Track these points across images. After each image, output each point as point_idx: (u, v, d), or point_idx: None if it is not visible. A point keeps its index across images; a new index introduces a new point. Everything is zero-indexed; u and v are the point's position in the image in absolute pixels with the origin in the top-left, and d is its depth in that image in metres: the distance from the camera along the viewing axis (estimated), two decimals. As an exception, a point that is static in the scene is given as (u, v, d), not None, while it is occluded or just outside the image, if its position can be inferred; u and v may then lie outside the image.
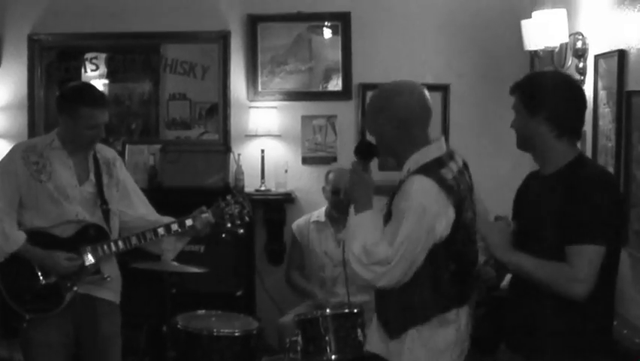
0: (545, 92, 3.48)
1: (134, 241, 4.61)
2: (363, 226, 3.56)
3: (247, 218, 4.83)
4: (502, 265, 3.67)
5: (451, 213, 3.52)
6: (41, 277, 4.50)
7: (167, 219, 4.77)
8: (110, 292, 4.73)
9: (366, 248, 3.48)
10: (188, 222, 4.69)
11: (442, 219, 3.51)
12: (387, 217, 3.60)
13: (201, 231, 4.73)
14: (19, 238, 4.48)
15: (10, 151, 4.67)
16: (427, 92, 3.73)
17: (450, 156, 3.71)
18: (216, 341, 5.11)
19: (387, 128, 3.66)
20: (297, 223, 6.49)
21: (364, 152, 3.74)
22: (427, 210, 3.46)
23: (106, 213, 4.64)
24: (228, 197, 4.79)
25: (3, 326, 5.09)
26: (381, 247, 3.46)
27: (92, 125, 4.49)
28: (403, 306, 3.62)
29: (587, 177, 3.39)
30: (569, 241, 3.29)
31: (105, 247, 4.57)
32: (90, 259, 4.54)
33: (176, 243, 4.82)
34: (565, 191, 3.35)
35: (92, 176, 4.63)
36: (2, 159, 4.66)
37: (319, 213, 6.40)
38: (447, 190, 3.52)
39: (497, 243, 3.50)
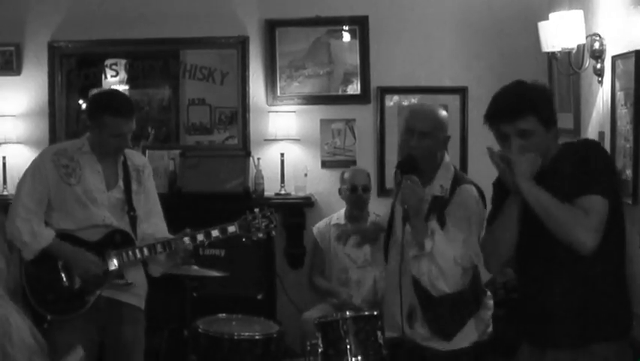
0: (552, 102, 3.55)
1: (159, 248, 4.63)
2: (445, 240, 4.03)
3: (273, 233, 4.84)
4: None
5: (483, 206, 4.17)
6: (65, 280, 4.54)
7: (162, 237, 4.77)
8: (136, 297, 4.77)
9: (471, 255, 4.02)
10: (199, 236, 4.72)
11: (483, 213, 4.14)
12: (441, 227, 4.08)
13: (180, 257, 4.74)
14: (48, 234, 4.53)
15: (41, 153, 4.73)
16: None
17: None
18: (237, 344, 5.12)
19: (440, 145, 4.21)
20: (318, 227, 6.51)
21: (412, 167, 4.07)
22: (480, 212, 4.13)
23: (133, 220, 4.68)
24: (256, 210, 4.79)
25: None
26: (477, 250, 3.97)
27: (116, 134, 4.52)
28: (456, 307, 4.17)
29: (579, 145, 3.59)
30: (578, 193, 3.32)
31: (130, 253, 4.60)
32: (114, 263, 4.57)
33: (167, 260, 4.80)
34: (565, 164, 3.43)
35: (120, 182, 4.67)
36: (33, 161, 4.71)
37: (339, 215, 6.41)
38: (478, 189, 4.18)
39: (523, 171, 3.39)
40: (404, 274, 4.14)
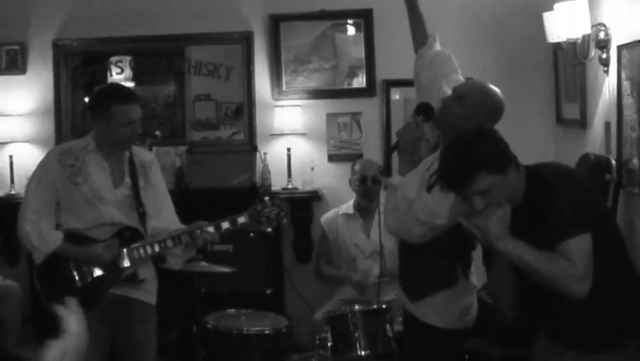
0: (499, 144, 3.39)
1: (169, 244, 4.61)
2: (410, 183, 3.97)
3: (284, 220, 4.84)
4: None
5: None
6: (77, 279, 4.54)
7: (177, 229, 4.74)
8: (147, 293, 4.75)
9: (427, 206, 3.84)
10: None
11: None
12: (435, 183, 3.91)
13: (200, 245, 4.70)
14: (57, 237, 4.52)
15: (47, 154, 4.72)
16: None
17: None
18: (246, 339, 5.14)
19: (468, 119, 3.95)
20: (326, 217, 6.49)
21: (428, 113, 4.08)
22: None
23: (142, 216, 4.65)
24: (266, 199, 4.78)
25: (37, 329, 5.10)
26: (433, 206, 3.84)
27: (126, 122, 4.51)
28: (427, 273, 4.08)
29: (545, 177, 3.41)
30: (557, 239, 3.25)
31: (141, 249, 4.58)
32: (126, 261, 4.57)
33: (184, 252, 4.77)
34: (536, 204, 3.36)
35: (127, 179, 4.65)
36: (39, 163, 4.70)
37: (347, 206, 6.40)
38: None
39: (496, 231, 3.34)
40: None
